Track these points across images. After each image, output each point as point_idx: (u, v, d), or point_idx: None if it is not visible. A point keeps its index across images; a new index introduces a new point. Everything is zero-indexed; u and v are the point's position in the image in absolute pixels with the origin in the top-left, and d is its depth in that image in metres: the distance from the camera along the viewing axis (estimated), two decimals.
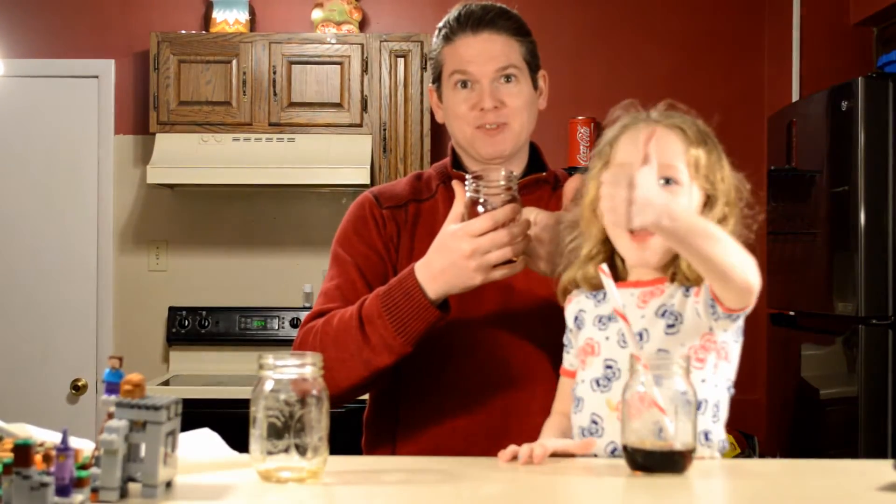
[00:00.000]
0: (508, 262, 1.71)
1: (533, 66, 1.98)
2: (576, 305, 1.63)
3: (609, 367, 1.54)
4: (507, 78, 1.92)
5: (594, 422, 1.55)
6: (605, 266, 1.49)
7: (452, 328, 1.86)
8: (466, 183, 1.72)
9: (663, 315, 1.53)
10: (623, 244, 1.56)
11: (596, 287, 1.60)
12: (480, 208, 1.70)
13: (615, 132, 1.60)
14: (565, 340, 1.67)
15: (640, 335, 1.52)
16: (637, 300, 1.55)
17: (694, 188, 1.54)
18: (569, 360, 1.66)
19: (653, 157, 1.38)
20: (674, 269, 1.54)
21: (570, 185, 1.81)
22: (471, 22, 1.93)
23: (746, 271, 1.39)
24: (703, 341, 1.51)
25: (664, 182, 1.51)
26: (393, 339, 1.75)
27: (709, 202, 1.55)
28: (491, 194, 1.70)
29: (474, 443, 1.82)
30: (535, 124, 2.02)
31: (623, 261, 1.60)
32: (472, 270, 1.69)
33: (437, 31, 2.00)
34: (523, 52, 1.95)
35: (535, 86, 1.99)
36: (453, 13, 1.97)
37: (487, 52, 1.92)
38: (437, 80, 2.00)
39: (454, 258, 1.70)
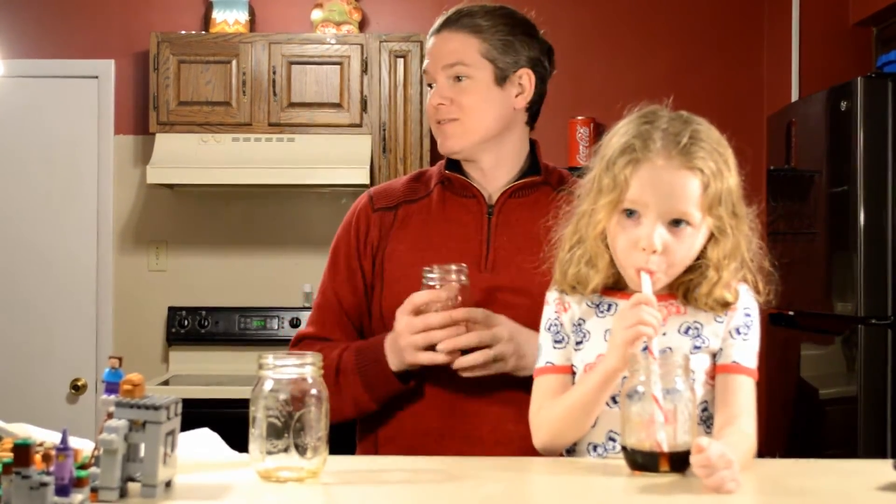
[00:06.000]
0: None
1: (501, 62, 1.95)
2: (576, 312, 1.59)
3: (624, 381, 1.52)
4: (458, 77, 1.94)
5: (611, 438, 1.53)
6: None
7: None
8: (424, 272, 1.81)
9: (687, 332, 1.53)
10: (631, 275, 1.51)
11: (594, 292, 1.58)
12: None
13: (626, 160, 1.49)
14: (555, 337, 1.60)
15: (663, 352, 1.49)
16: None
17: (704, 226, 1.50)
18: (564, 355, 1.59)
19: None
20: (684, 289, 1.53)
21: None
22: (439, 24, 1.99)
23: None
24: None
25: (674, 224, 1.48)
26: (361, 395, 1.88)
27: (733, 226, 1.51)
28: (442, 281, 1.79)
29: (448, 446, 1.85)
30: (527, 126, 2.02)
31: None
32: (402, 347, 1.81)
33: None
34: (483, 49, 1.94)
35: (502, 83, 1.95)
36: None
37: (439, 50, 1.97)
38: None
39: (397, 330, 1.82)
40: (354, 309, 1.99)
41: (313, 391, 1.35)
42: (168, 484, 1.28)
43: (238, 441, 1.51)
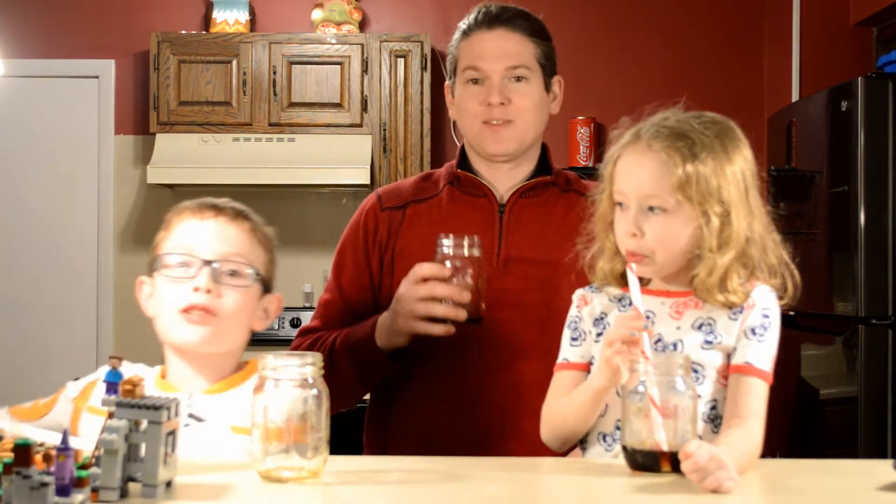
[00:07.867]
0: (437, 319, 1.76)
1: (547, 69, 1.98)
2: (597, 306, 1.60)
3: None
4: (518, 78, 1.93)
5: (619, 428, 1.51)
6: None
7: None
8: (438, 240, 1.79)
9: (700, 327, 1.51)
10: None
11: (621, 283, 1.57)
12: (448, 263, 1.77)
13: (616, 150, 1.54)
14: (573, 334, 1.61)
15: (675, 346, 1.50)
16: (670, 310, 1.53)
17: (684, 211, 1.48)
18: (579, 352, 1.60)
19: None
20: (696, 282, 1.52)
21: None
22: (488, 19, 1.95)
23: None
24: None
25: (650, 210, 1.48)
26: (349, 375, 1.86)
27: (718, 212, 1.49)
28: (455, 248, 1.77)
29: (461, 443, 1.83)
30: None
31: None
32: (398, 312, 1.78)
33: (457, 30, 2.01)
34: (537, 54, 1.96)
35: (548, 89, 2.00)
36: (474, 11, 1.99)
37: (500, 48, 1.93)
38: (453, 75, 2.01)
39: (398, 296, 1.79)
40: (359, 306, 1.98)
41: (314, 391, 1.35)
42: (168, 484, 1.28)
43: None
